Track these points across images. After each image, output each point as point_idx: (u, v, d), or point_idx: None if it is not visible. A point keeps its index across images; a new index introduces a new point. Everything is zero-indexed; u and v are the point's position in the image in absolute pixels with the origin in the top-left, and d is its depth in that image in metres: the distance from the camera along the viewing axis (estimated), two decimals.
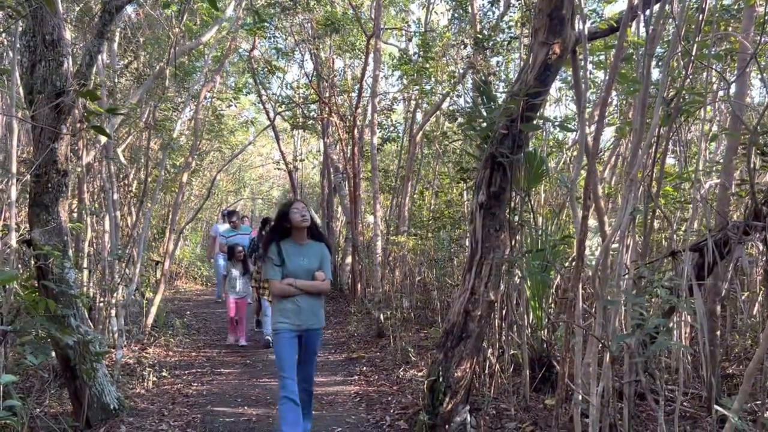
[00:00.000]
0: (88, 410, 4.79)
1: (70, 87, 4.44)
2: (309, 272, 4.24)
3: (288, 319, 4.17)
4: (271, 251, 4.21)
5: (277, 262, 4.18)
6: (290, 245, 4.27)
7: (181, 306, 12.38)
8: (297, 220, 4.25)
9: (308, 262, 4.26)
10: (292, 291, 4.16)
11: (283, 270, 4.18)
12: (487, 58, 7.95)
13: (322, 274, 4.30)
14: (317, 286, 4.25)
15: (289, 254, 4.22)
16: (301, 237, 4.32)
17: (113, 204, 7.59)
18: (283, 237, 4.27)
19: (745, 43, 4.51)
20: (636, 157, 3.76)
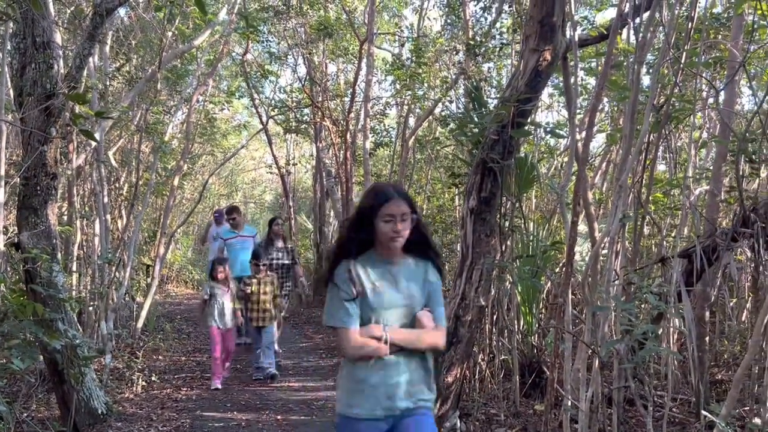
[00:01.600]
0: (75, 415, 4.75)
1: (60, 90, 4.42)
2: (407, 312, 2.45)
3: (370, 400, 2.39)
4: (340, 276, 2.42)
5: (350, 294, 2.39)
6: (374, 265, 2.47)
7: (172, 310, 12.32)
8: (387, 235, 2.40)
9: (406, 295, 2.46)
10: (381, 349, 2.35)
11: (362, 309, 2.40)
12: (478, 64, 7.98)
13: (429, 316, 2.46)
14: (424, 338, 2.42)
15: (372, 281, 2.43)
16: (392, 251, 2.48)
17: (104, 207, 7.55)
18: (361, 250, 2.49)
19: (734, 52, 4.55)
20: (626, 164, 3.79)
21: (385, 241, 2.42)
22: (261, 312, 6.61)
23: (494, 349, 5.40)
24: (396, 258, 2.50)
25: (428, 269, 2.54)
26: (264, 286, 6.65)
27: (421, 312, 2.45)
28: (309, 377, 6.89)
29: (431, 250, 2.59)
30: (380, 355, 2.35)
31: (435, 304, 2.50)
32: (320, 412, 5.58)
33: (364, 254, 2.48)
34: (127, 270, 8.19)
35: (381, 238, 2.43)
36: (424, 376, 2.47)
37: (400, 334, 2.39)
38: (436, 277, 2.55)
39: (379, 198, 2.41)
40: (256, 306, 6.60)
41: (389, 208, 2.38)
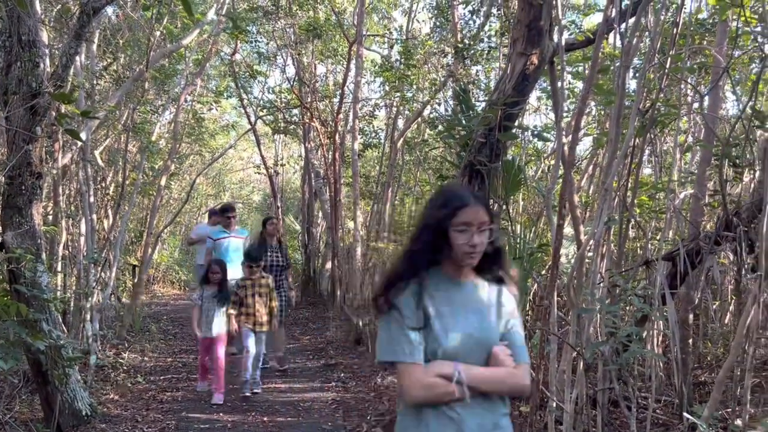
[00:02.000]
0: (59, 416, 4.72)
1: (45, 89, 4.39)
2: (480, 346, 1.95)
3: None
4: (403, 299, 1.92)
5: (416, 321, 1.91)
6: (438, 286, 1.98)
7: (158, 311, 12.25)
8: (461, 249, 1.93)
9: (479, 325, 1.97)
10: (453, 391, 1.86)
11: (428, 341, 1.91)
12: (467, 67, 8.02)
13: (506, 352, 1.96)
14: (505, 378, 1.94)
15: (437, 306, 1.95)
16: (462, 270, 2.02)
17: (89, 207, 7.50)
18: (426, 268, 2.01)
19: (718, 57, 4.61)
20: (611, 167, 3.82)
21: (458, 256, 1.94)
22: (254, 317, 6.10)
23: None
24: (465, 278, 2.02)
25: (502, 293, 2.05)
26: (259, 288, 6.19)
27: (497, 347, 1.94)
28: (296, 378, 6.89)
29: (505, 269, 2.07)
30: (454, 398, 1.84)
31: (514, 336, 2.00)
32: (306, 413, 5.58)
33: (429, 273, 1.99)
34: (112, 270, 8.14)
35: (453, 254, 1.95)
36: (506, 427, 1.95)
37: (477, 373, 1.88)
38: (513, 304, 2.05)
39: (452, 203, 1.96)
40: (251, 310, 6.09)
41: (465, 216, 1.91)
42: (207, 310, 6.01)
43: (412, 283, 1.94)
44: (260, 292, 6.18)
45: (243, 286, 6.15)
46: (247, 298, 6.11)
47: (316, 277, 13.54)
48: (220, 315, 5.99)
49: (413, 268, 1.96)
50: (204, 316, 6.02)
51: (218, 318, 5.97)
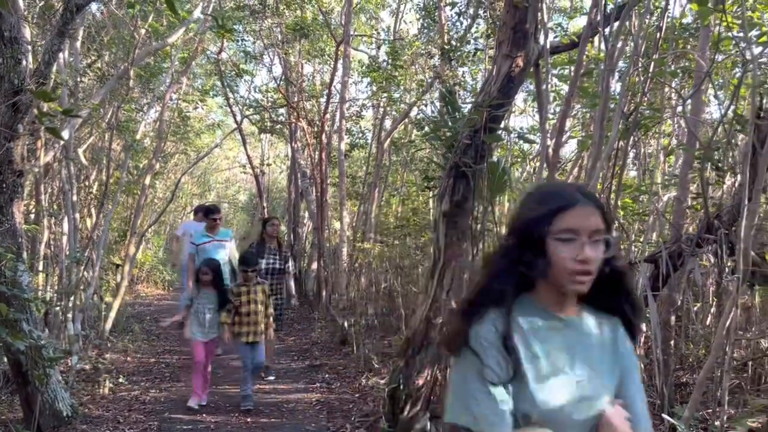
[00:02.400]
0: (39, 417, 4.66)
1: (28, 86, 4.34)
2: (591, 407, 1.42)
3: None
4: (484, 338, 1.38)
5: (502, 373, 1.38)
6: (533, 322, 1.45)
7: (142, 311, 12.16)
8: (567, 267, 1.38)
9: (588, 377, 1.44)
10: None
11: (516, 399, 1.38)
12: (453, 69, 8.04)
13: (623, 416, 1.43)
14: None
15: (533, 350, 1.42)
16: (566, 298, 1.47)
17: (72, 206, 7.42)
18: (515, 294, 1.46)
19: (701, 62, 4.66)
20: (595, 169, 3.85)
21: (560, 278, 1.38)
22: (251, 325, 5.63)
23: None
24: (568, 310, 1.46)
25: (618, 332, 1.50)
26: (255, 295, 5.69)
27: (611, 409, 1.42)
28: (280, 379, 6.86)
29: (628, 300, 1.51)
30: None
31: (633, 392, 1.48)
32: (291, 414, 5.56)
33: (521, 304, 1.44)
34: (95, 270, 8.06)
35: (552, 274, 1.39)
36: None
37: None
38: (630, 347, 1.51)
39: (553, 201, 1.41)
40: (246, 319, 5.62)
41: (571, 220, 1.37)
42: (198, 312, 5.63)
43: (495, 316, 1.39)
44: (256, 300, 5.70)
45: (237, 293, 5.67)
46: (241, 306, 5.63)
47: (301, 277, 13.51)
48: (214, 318, 5.63)
49: (497, 295, 1.42)
50: (195, 318, 5.63)
51: (211, 321, 5.62)
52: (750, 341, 5.86)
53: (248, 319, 5.64)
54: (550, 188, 1.62)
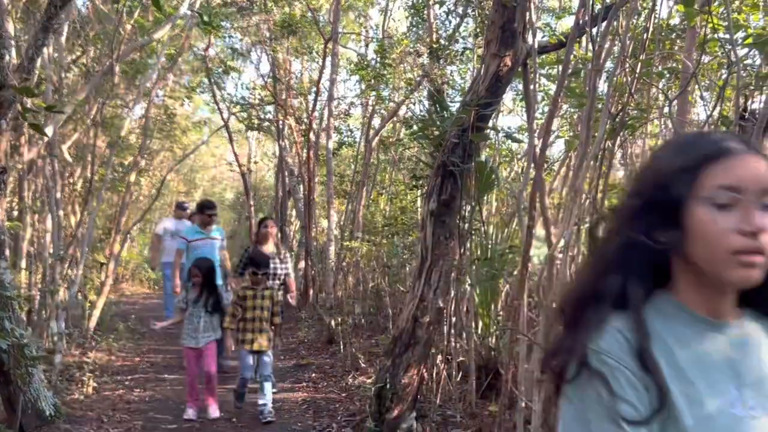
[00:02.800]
0: (22, 417, 4.60)
1: (11, 81, 4.28)
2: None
3: None
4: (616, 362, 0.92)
5: (641, 407, 0.90)
6: (680, 332, 0.98)
7: (126, 309, 12.05)
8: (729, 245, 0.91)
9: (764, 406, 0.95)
10: None
11: None
12: (441, 68, 8.04)
13: None
14: None
15: (683, 373, 0.94)
16: (723, 296, 1.00)
17: (56, 203, 7.33)
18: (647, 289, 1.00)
19: (687, 62, 4.68)
20: (581, 169, 3.86)
21: (718, 261, 0.95)
22: (256, 332, 5.23)
23: (451, 351, 5.44)
24: (726, 313, 1.03)
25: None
26: (261, 300, 5.31)
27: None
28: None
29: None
30: None
31: None
32: (276, 413, 5.53)
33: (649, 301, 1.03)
34: (79, 267, 7.98)
35: (705, 255, 0.96)
36: None
37: None
38: None
39: (704, 148, 1.00)
40: (251, 325, 5.22)
41: (732, 173, 0.95)
42: (191, 316, 5.27)
43: (620, 323, 0.97)
44: (262, 306, 5.31)
45: (243, 297, 5.29)
46: (246, 312, 5.25)
47: None
48: (209, 322, 5.27)
49: (618, 289, 1.00)
50: (188, 322, 5.28)
51: (206, 325, 5.25)
52: None
53: (253, 325, 5.23)
54: (697, 134, 1.19)
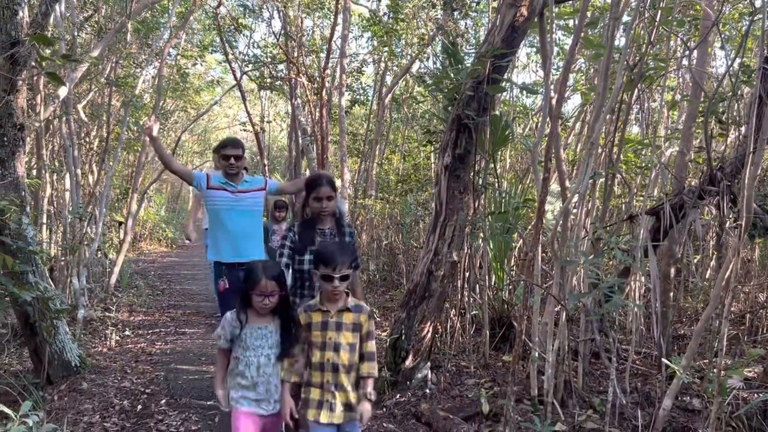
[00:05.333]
0: (48, 367, 4.76)
1: (25, 37, 4.28)
2: None
3: None
4: None
5: None
6: None
7: (145, 268, 12.27)
8: None
9: None
10: None
11: None
12: (456, 20, 7.91)
13: None
14: None
15: None
16: None
17: (74, 161, 7.41)
18: None
19: (708, 11, 4.57)
20: (597, 122, 3.82)
21: None
22: (329, 389, 2.77)
23: (465, 304, 5.50)
24: None
25: None
26: (340, 332, 2.81)
27: None
28: None
29: None
30: None
31: None
32: None
33: None
34: (98, 226, 8.11)
35: None
36: None
37: None
38: None
39: None
40: (319, 377, 2.79)
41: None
42: (242, 361, 2.79)
43: None
44: (339, 343, 2.80)
45: (306, 323, 2.84)
46: (313, 349, 2.83)
47: None
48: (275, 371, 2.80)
49: None
50: (238, 370, 2.80)
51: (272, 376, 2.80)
52: (748, 294, 5.93)
53: (324, 377, 2.77)
54: None
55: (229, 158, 4.23)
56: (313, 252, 3.16)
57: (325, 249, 2.87)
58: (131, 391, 4.78)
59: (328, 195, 3.43)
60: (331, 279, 2.72)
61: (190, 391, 4.84)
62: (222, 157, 4.30)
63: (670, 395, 3.53)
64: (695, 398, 4.13)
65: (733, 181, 3.93)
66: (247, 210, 4.24)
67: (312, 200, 3.47)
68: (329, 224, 3.51)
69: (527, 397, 3.99)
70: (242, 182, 4.25)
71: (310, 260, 3.30)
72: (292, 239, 3.44)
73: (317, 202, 3.43)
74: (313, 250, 3.21)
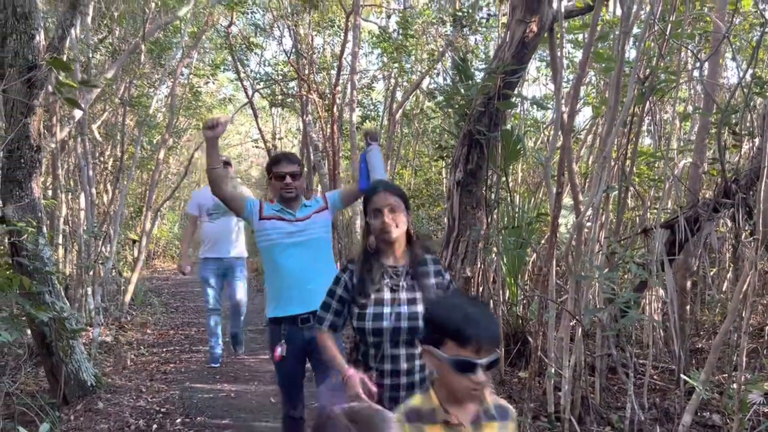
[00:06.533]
0: (65, 387, 4.78)
1: (42, 61, 4.36)
2: None
3: None
4: None
5: None
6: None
7: (159, 285, 12.33)
8: None
9: None
10: None
11: None
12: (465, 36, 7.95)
13: None
14: None
15: None
16: None
17: (89, 181, 7.49)
18: None
19: (718, 23, 4.57)
20: (610, 135, 3.82)
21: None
22: None
23: None
24: None
25: None
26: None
27: None
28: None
29: None
30: None
31: None
32: (309, 382, 5.64)
33: None
34: (113, 244, 8.17)
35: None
36: None
37: None
38: None
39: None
40: None
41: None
42: None
43: None
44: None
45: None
46: None
47: None
48: None
49: None
50: None
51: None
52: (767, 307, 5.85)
53: None
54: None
55: (283, 177, 3.28)
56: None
57: (452, 311, 1.62)
58: (146, 410, 4.78)
59: (391, 204, 2.30)
60: (472, 368, 1.55)
61: (206, 410, 4.84)
62: (274, 176, 3.33)
63: (690, 411, 3.48)
64: (715, 414, 4.07)
65: (748, 193, 3.91)
66: (313, 241, 3.27)
67: (371, 216, 2.34)
68: (402, 259, 2.37)
69: (544, 413, 3.95)
70: (301, 207, 3.32)
71: (375, 315, 2.27)
72: (347, 284, 2.38)
73: (376, 218, 2.32)
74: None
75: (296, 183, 3.32)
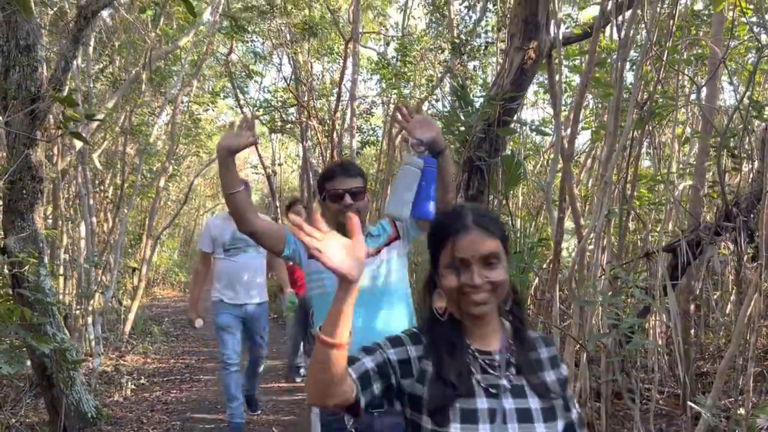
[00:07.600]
0: (65, 419, 4.72)
1: (45, 93, 4.39)
2: None
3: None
4: None
5: None
6: None
7: (159, 313, 12.26)
8: None
9: None
10: None
11: None
12: (464, 63, 8.03)
13: None
14: None
15: None
16: None
17: (89, 210, 7.50)
18: None
19: (715, 48, 4.62)
20: (610, 160, 3.84)
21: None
22: None
23: None
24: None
25: None
26: None
27: None
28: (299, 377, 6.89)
29: None
30: None
31: None
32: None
33: None
34: (113, 273, 8.15)
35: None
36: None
37: None
38: None
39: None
40: None
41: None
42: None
43: None
44: None
45: None
46: None
47: None
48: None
49: None
50: None
51: None
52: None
53: None
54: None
55: (341, 197, 2.32)
56: None
57: None
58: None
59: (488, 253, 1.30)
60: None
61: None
62: (329, 196, 2.35)
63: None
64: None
65: (749, 216, 3.91)
66: (388, 289, 2.34)
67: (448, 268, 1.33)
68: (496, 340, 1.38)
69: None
70: (366, 236, 2.32)
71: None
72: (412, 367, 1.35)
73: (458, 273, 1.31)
74: None
75: (359, 204, 2.32)
